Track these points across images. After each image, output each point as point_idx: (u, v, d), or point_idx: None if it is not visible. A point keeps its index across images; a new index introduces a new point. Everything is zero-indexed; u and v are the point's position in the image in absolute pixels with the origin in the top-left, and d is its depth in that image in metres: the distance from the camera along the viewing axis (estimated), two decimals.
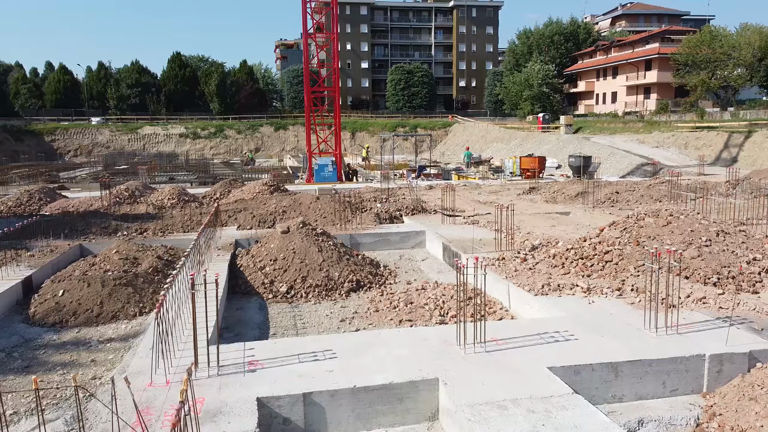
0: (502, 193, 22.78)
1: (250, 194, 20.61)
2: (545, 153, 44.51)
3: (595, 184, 20.37)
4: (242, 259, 11.64)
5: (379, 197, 20.22)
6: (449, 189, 24.27)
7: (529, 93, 72.75)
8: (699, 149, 38.52)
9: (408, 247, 14.27)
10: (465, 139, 62.37)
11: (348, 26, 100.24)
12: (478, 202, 19.61)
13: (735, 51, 48.55)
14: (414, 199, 18.79)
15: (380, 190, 21.74)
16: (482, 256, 11.28)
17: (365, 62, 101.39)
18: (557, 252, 10.56)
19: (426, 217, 16.41)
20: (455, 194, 23.65)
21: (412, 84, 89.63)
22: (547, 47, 79.12)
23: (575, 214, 16.85)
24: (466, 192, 23.26)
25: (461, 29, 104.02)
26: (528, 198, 20.93)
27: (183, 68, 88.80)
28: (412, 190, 19.85)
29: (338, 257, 11.48)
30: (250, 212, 16.04)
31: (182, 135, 63.42)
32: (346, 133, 67.46)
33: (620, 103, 67.65)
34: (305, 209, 16.09)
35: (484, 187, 24.70)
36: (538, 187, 22.69)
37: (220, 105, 74.47)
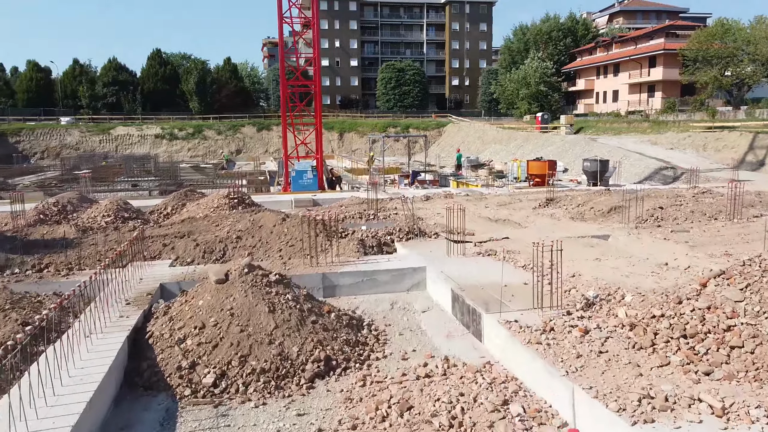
0: (513, 205, 19.04)
1: (207, 209, 16.74)
2: (549, 155, 40.91)
3: (630, 195, 16.68)
4: (156, 324, 7.80)
5: (366, 213, 16.43)
6: (450, 201, 20.56)
7: (527, 92, 69.27)
8: (719, 151, 35.05)
9: (402, 290, 10.47)
10: (460, 139, 58.70)
11: (336, 22, 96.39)
12: (488, 219, 15.85)
13: (750, 45, 45.17)
14: (408, 215, 15.01)
15: (367, 201, 17.94)
16: (514, 318, 7.52)
17: (354, 60, 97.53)
18: (635, 320, 6.81)
19: (425, 244, 12.63)
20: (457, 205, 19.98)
21: (404, 83, 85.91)
22: (544, 44, 75.64)
23: (617, 237, 13.13)
24: (469, 204, 19.51)
25: (454, 26, 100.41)
26: (547, 213, 17.20)
27: (163, 66, 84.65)
28: (405, 203, 16.09)
29: (299, 320, 7.67)
30: (194, 238, 12.19)
31: (158, 136, 59.29)
32: (334, 134, 63.69)
33: (622, 102, 64.24)
34: (266, 235, 12.25)
35: (490, 198, 20.96)
36: (556, 198, 18.97)
37: (199, 104, 70.41)
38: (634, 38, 65.56)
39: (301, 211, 18.31)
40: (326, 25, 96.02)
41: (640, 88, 62.91)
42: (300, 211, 18.13)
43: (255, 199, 21.42)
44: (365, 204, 17.94)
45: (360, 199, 19.98)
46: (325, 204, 21.52)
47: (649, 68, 60.78)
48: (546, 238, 13.25)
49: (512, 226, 14.93)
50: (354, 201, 20.12)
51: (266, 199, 21.77)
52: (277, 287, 8.10)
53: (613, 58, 66.74)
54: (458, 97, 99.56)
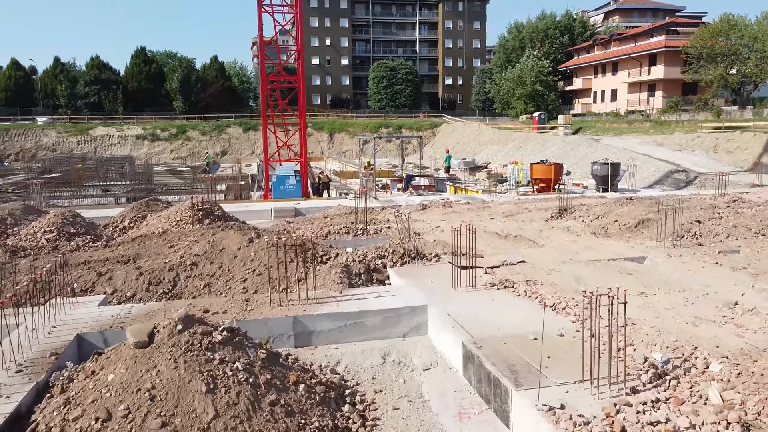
0: (521, 216, 16.80)
1: (170, 223, 14.41)
2: (550, 157, 38.78)
3: (661, 207, 14.48)
4: (46, 410, 5.46)
5: (353, 227, 14.14)
6: (449, 210, 18.31)
7: (523, 91, 67.26)
8: (732, 153, 33.03)
9: (397, 336, 8.19)
10: (455, 140, 56.52)
11: (327, 20, 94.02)
12: (496, 235, 13.59)
13: (758, 42, 43.24)
14: (403, 230, 12.74)
15: (356, 211, 15.62)
16: (557, 399, 5.26)
17: (345, 58, 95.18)
18: (744, 414, 4.57)
19: (424, 270, 10.36)
20: (457, 216, 17.70)
21: (396, 82, 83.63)
22: (540, 42, 73.60)
23: (655, 261, 10.90)
24: (471, 214, 17.27)
25: (447, 24, 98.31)
26: (562, 225, 14.97)
27: (148, 64, 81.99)
28: (399, 218, 13.82)
29: (251, 403, 5.37)
30: (138, 265, 9.85)
31: (139, 137, 56.67)
32: (324, 134, 61.36)
33: (621, 101, 62.29)
34: (229, 260, 9.94)
35: (494, 207, 18.71)
36: (570, 207, 16.74)
37: (183, 103, 67.82)
38: (633, 36, 63.65)
39: (279, 224, 15.99)
40: (316, 23, 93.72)
41: (639, 87, 61.00)
42: (276, 225, 15.81)
43: (230, 209, 19.10)
44: (354, 214, 15.64)
45: (348, 209, 17.69)
46: (309, 213, 19.22)
47: (650, 66, 58.85)
48: (570, 260, 11.03)
49: (525, 243, 12.68)
50: (341, 210, 17.83)
51: (243, 209, 19.44)
52: (222, 351, 5.78)
53: (612, 57, 64.81)
54: (452, 97, 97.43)
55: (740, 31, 44.97)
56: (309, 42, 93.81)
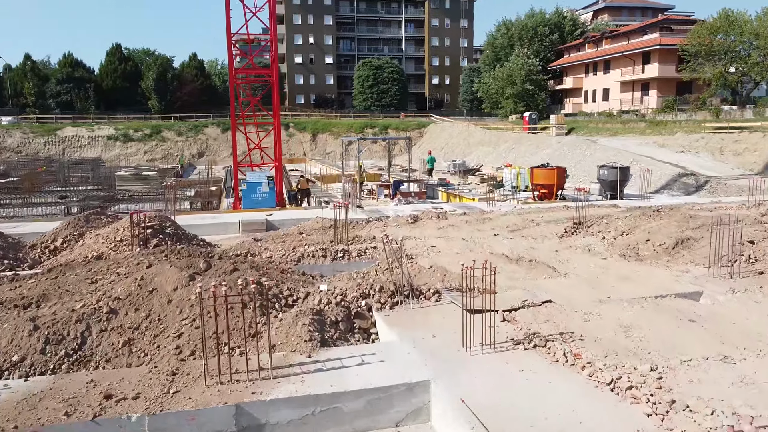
0: (529, 231, 14.42)
1: (108, 244, 11.85)
2: (545, 159, 36.58)
3: (695, 223, 12.20)
4: None
5: (332, 249, 11.67)
6: (444, 224, 15.90)
7: (512, 90, 65.21)
8: (739, 154, 31.04)
9: (388, 425, 5.74)
10: (443, 141, 54.23)
11: (310, 17, 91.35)
12: (506, 258, 11.19)
13: (759, 39, 41.43)
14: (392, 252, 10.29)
15: (336, 227, 13.11)
16: None
17: (329, 57, 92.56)
18: None
19: (421, 315, 7.91)
20: (455, 230, 15.28)
21: (382, 81, 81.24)
22: (530, 40, 71.60)
23: (717, 298, 8.56)
24: (470, 228, 14.87)
25: (434, 22, 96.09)
26: (580, 244, 12.62)
27: (123, 62, 78.85)
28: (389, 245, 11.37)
29: None
30: (33, 315, 7.28)
31: (111, 137, 53.65)
32: (307, 135, 58.78)
33: (614, 100, 60.42)
34: (161, 306, 7.40)
35: (495, 218, 16.31)
36: (585, 220, 14.40)
37: (159, 102, 64.81)
38: (626, 33, 61.81)
39: (245, 242, 13.47)
40: (299, 20, 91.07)
41: (633, 86, 59.15)
42: (242, 244, 13.29)
43: (190, 222, 16.54)
44: (335, 229, 13.14)
45: (328, 221, 15.23)
46: (283, 226, 16.72)
47: (643, 65, 57.01)
48: (608, 299, 8.66)
49: (543, 270, 10.31)
50: (319, 224, 15.36)
51: (206, 221, 16.89)
52: None
53: (604, 55, 62.93)
54: (438, 97, 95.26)
55: (740, 28, 43.16)
56: (292, 40, 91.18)
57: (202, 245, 12.85)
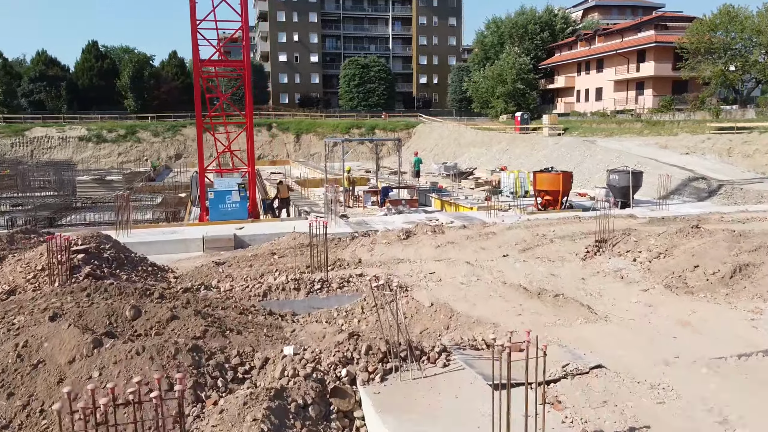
0: (541, 249, 12.24)
1: (26, 274, 9.49)
2: (542, 161, 34.58)
3: (749, 244, 10.09)
4: None
5: (308, 280, 9.41)
6: (442, 240, 13.67)
7: (503, 89, 63.25)
8: (750, 156, 29.16)
9: None
10: (433, 142, 52.09)
11: (295, 14, 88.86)
12: (523, 290, 8.98)
13: (762, 36, 39.73)
14: (385, 311, 8.07)
15: (313, 247, 10.82)
16: None
17: (315, 55, 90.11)
18: None
19: (427, 393, 5.64)
20: (456, 250, 13.06)
21: (368, 80, 78.93)
22: (520, 38, 69.70)
23: None
24: (474, 246, 12.66)
25: (422, 20, 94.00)
26: (609, 268, 10.46)
27: (100, 60, 75.83)
28: (381, 291, 9.11)
29: None
30: None
31: (83, 138, 50.80)
32: (290, 136, 56.32)
33: (608, 100, 58.63)
34: (45, 391, 5.09)
35: (500, 233, 14.10)
36: (608, 237, 12.23)
37: (135, 102, 61.98)
38: (620, 31, 60.09)
39: (205, 267, 11.14)
40: (284, 17, 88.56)
41: (627, 85, 57.38)
42: (201, 269, 10.99)
43: (145, 238, 14.23)
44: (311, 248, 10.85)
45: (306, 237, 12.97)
46: (255, 242, 14.42)
47: (638, 63, 55.24)
48: (674, 361, 6.49)
49: (575, 310, 8.11)
50: (296, 240, 13.10)
51: (164, 237, 14.52)
52: None
53: (597, 53, 61.14)
54: (426, 96, 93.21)
55: (741, 24, 41.45)
56: (276, 37, 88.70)
57: (149, 272, 10.53)
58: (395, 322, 6.01)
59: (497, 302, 8.46)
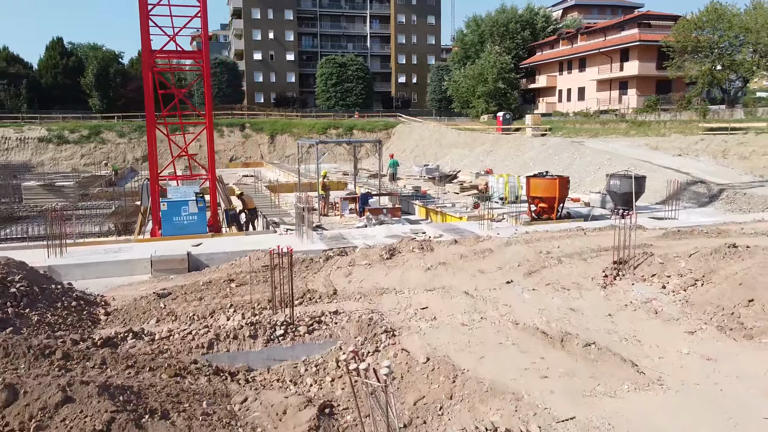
0: (549, 271, 10.39)
1: None
2: (528, 163, 32.95)
3: None
4: None
5: (266, 322, 7.40)
6: (433, 260, 11.74)
7: (484, 89, 61.71)
8: (746, 158, 27.83)
9: None
10: (413, 143, 50.24)
11: (270, 12, 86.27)
12: (542, 336, 7.09)
13: (751, 34, 38.63)
14: (363, 377, 6.09)
15: (275, 278, 8.78)
16: None
17: (291, 53, 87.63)
18: None
19: None
20: (449, 273, 11.13)
21: (346, 79, 76.80)
22: (501, 36, 68.25)
23: None
24: (470, 267, 10.76)
25: (400, 18, 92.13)
26: (636, 299, 8.64)
27: (65, 57, 72.53)
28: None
29: None
30: None
31: (43, 139, 47.86)
32: (264, 136, 53.99)
33: (590, 100, 57.43)
34: None
35: (497, 249, 12.21)
36: (628, 256, 10.42)
37: (101, 100, 59.03)
38: (602, 29, 58.94)
39: (145, 298, 9.05)
40: (258, 15, 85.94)
41: (610, 85, 56.23)
42: (139, 301, 8.91)
43: (84, 259, 12.09)
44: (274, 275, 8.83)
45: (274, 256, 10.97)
46: (213, 263, 12.34)
47: (621, 62, 54.09)
48: None
49: (615, 366, 6.24)
50: (259, 261, 11.13)
51: (106, 257, 12.34)
52: None
53: (579, 52, 59.94)
54: (405, 96, 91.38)
55: (728, 22, 40.35)
56: (251, 35, 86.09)
57: (71, 310, 8.41)
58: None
59: (511, 354, 6.56)
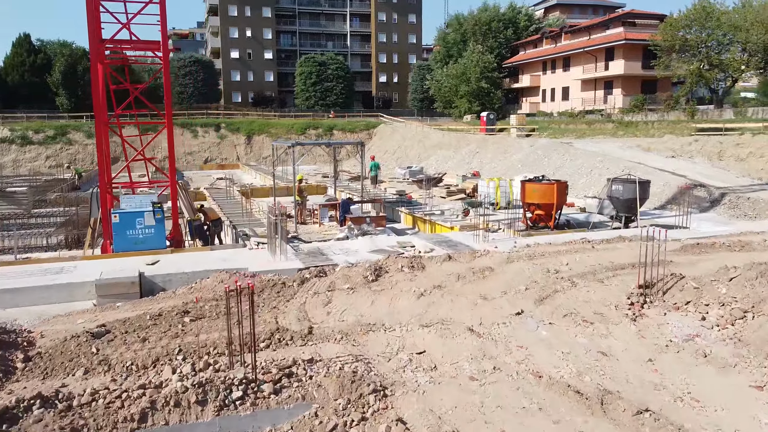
0: (563, 296, 8.84)
1: None
2: (517, 165, 31.58)
3: None
4: None
5: (220, 384, 5.74)
6: (427, 283, 10.13)
7: (467, 88, 60.41)
8: (743, 160, 26.75)
9: None
10: (395, 144, 48.67)
11: (247, 9, 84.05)
12: (573, 394, 5.53)
13: (741, 32, 37.76)
14: None
15: (232, 322, 7.12)
16: None
17: (269, 52, 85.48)
18: None
19: None
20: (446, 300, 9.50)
21: (326, 78, 74.99)
22: (484, 35, 67.02)
23: None
24: (470, 293, 9.18)
25: (381, 17, 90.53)
26: (677, 336, 7.13)
27: (33, 54, 69.55)
28: None
29: None
30: None
31: (5, 140, 45.32)
32: (240, 137, 51.99)
33: (575, 99, 56.42)
34: None
35: (497, 267, 10.66)
36: (654, 278, 8.95)
37: (68, 99, 56.49)
38: (587, 28, 57.95)
39: (68, 345, 7.33)
40: (235, 12, 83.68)
41: (595, 84, 55.25)
42: (72, 341, 7.19)
43: (13, 283, 10.29)
44: (235, 318, 7.16)
45: (239, 279, 9.35)
46: (169, 287, 10.61)
47: (607, 61, 53.11)
48: None
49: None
50: (223, 283, 9.39)
51: (43, 280, 10.53)
52: None
53: (563, 51, 58.89)
54: (386, 95, 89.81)
55: (717, 20, 39.47)
56: (227, 33, 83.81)
57: None
58: None
59: (540, 424, 4.97)
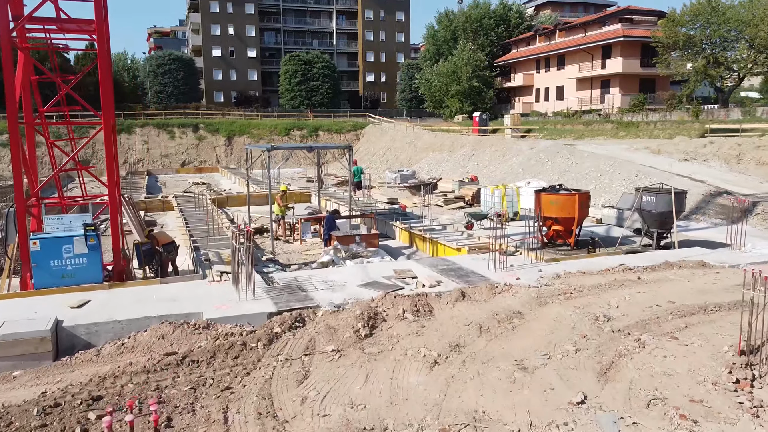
0: (631, 362, 6.38)
1: None
2: (518, 168, 29.21)
3: None
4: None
5: None
6: (440, 333, 7.56)
7: (458, 87, 58.13)
8: (765, 164, 24.62)
9: None
10: (384, 145, 46.13)
11: (230, 5, 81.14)
12: None
13: (749, 28, 35.72)
14: None
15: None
16: None
17: (252, 50, 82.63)
18: None
19: None
20: (470, 370, 6.89)
21: (311, 77, 72.29)
22: (474, 33, 64.77)
23: None
24: (497, 357, 6.68)
25: (368, 14, 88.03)
26: None
27: None
28: None
29: None
30: None
31: None
32: (220, 138, 49.17)
33: (570, 99, 54.29)
34: None
35: (528, 314, 8.21)
36: (761, 345, 6.53)
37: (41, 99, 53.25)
38: (582, 25, 55.85)
39: None
40: (217, 8, 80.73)
41: (591, 83, 53.14)
42: None
43: None
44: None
45: (189, 331, 6.81)
46: (97, 340, 8.03)
47: (604, 59, 51.03)
48: None
49: None
50: (164, 342, 6.85)
51: None
52: None
53: (557, 49, 56.75)
54: (374, 95, 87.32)
55: (723, 14, 37.44)
56: (209, 30, 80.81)
57: None
58: None
59: None
